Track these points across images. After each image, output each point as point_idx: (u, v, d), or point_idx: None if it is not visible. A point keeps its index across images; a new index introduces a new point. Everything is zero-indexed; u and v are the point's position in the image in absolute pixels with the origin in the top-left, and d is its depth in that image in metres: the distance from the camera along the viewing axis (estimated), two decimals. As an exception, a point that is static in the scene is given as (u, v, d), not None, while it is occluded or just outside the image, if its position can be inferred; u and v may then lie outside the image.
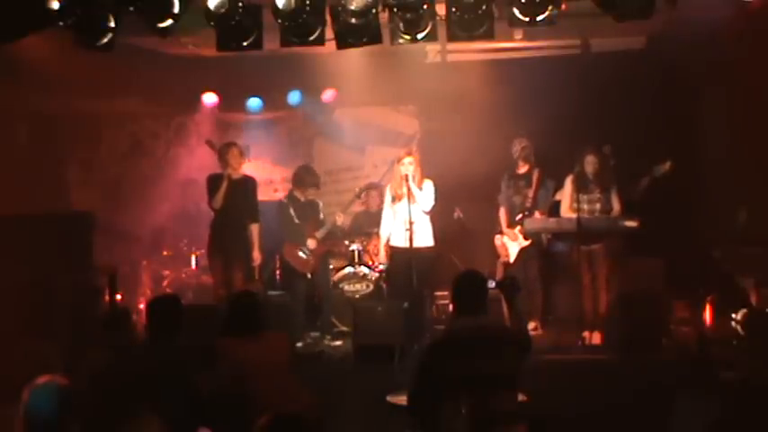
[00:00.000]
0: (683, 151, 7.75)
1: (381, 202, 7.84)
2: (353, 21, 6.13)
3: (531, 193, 7.67)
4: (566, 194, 7.43)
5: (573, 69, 8.63)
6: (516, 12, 6.09)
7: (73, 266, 6.97)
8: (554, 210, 7.62)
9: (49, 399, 3.38)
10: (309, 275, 7.86)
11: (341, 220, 8.15)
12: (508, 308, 4.62)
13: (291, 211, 7.90)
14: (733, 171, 7.96)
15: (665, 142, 8.16)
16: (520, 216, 7.61)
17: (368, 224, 8.40)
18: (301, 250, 7.84)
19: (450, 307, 5.21)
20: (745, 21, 6.68)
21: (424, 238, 7.15)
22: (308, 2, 6.03)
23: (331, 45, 6.49)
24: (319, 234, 7.90)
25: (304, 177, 8.07)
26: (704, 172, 8.34)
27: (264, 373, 4.72)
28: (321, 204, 8.17)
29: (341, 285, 7.99)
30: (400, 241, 7.12)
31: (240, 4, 6.07)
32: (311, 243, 7.84)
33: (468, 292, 4.26)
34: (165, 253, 8.99)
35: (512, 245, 7.75)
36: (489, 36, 6.30)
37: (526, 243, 7.67)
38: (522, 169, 7.79)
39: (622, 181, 7.32)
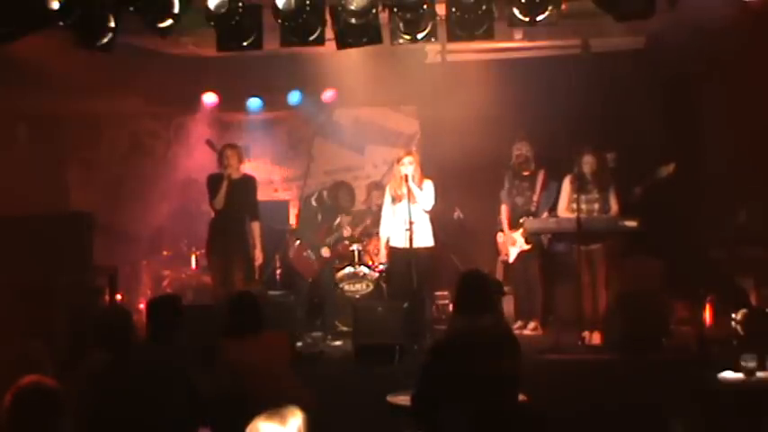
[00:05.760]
0: (682, 151, 7.75)
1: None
2: (353, 21, 6.13)
3: (535, 197, 7.67)
4: (564, 195, 7.42)
5: (573, 69, 8.61)
6: (516, 12, 6.08)
7: (73, 266, 6.95)
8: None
9: (33, 401, 3.24)
10: (310, 280, 7.87)
11: (348, 232, 8.18)
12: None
13: (320, 215, 7.92)
14: (733, 171, 7.95)
15: (665, 142, 8.16)
16: (523, 219, 7.60)
17: (370, 224, 8.41)
18: (307, 252, 7.84)
19: (451, 307, 5.21)
20: (746, 21, 6.67)
21: (424, 238, 7.15)
22: (308, 2, 6.02)
23: (331, 45, 6.49)
24: (330, 240, 7.94)
25: (343, 201, 8.31)
26: (704, 172, 8.33)
27: (265, 372, 4.72)
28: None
29: (341, 285, 7.98)
30: (400, 241, 7.12)
31: (240, 4, 6.06)
32: (325, 251, 7.88)
33: (469, 292, 4.25)
34: (165, 253, 8.99)
35: (511, 247, 7.76)
36: (489, 36, 6.30)
37: (527, 247, 7.68)
38: (527, 171, 7.78)
39: (622, 181, 7.31)
